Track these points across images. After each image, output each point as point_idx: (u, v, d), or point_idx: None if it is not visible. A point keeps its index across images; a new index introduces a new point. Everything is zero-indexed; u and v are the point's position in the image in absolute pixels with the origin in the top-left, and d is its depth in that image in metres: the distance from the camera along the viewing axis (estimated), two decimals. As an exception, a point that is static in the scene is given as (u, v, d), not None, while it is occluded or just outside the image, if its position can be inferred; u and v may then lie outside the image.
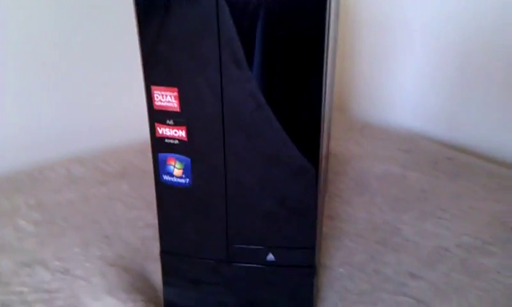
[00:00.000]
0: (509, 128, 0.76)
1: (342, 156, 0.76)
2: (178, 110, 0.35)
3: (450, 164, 0.73)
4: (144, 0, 0.33)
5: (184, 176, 0.37)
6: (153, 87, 0.35)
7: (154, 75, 0.35)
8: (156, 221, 0.57)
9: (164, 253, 0.41)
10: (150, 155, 0.77)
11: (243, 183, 0.36)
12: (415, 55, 0.89)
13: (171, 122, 0.35)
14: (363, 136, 0.86)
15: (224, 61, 0.32)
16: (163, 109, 0.35)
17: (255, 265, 0.39)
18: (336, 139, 0.80)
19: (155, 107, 0.35)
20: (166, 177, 0.37)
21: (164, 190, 0.38)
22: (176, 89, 0.34)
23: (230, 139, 0.35)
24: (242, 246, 0.38)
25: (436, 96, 0.87)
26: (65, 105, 0.80)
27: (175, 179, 0.37)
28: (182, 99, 0.34)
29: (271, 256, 0.38)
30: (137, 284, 0.47)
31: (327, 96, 0.36)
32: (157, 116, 0.36)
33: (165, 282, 0.42)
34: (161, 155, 0.37)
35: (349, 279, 0.48)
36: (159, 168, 0.38)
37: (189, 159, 0.36)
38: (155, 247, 0.52)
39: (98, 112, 0.84)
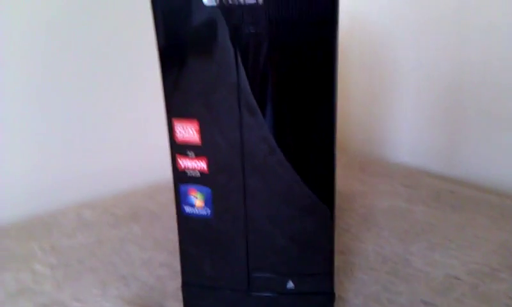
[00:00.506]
0: (507, 159, 0.79)
1: (346, 193, 0.78)
2: (199, 142, 0.37)
3: (453, 196, 0.74)
4: (167, 43, 0.35)
5: (205, 207, 0.39)
6: (174, 120, 0.37)
7: (176, 108, 0.37)
8: (170, 260, 0.59)
9: (186, 285, 0.42)
10: (158, 198, 0.79)
11: (261, 218, 0.38)
12: (408, 93, 0.93)
13: (192, 154, 0.38)
14: (364, 173, 0.88)
15: (241, 107, 0.35)
16: (184, 141, 0.37)
17: (275, 295, 0.40)
18: (339, 177, 0.82)
19: (176, 140, 0.38)
20: (187, 209, 0.39)
21: (186, 222, 0.40)
22: (197, 121, 0.37)
23: (248, 179, 0.37)
24: (262, 275, 0.39)
25: (432, 132, 0.90)
26: (72, 150, 0.82)
27: (196, 210, 0.39)
28: (202, 132, 0.37)
29: (290, 284, 0.39)
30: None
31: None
32: (178, 148, 0.38)
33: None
34: (183, 187, 0.39)
35: (364, 309, 0.48)
36: (180, 200, 0.39)
37: (209, 190, 0.38)
38: (170, 285, 0.53)
39: (106, 157, 0.86)
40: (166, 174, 0.86)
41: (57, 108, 0.79)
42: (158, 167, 0.88)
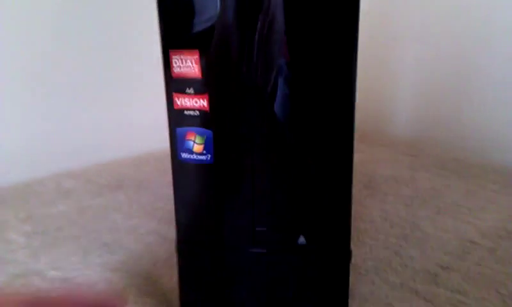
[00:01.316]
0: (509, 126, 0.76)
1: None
2: (199, 76, 0.32)
3: (457, 164, 0.71)
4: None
5: (204, 151, 0.33)
6: (171, 52, 0.32)
7: (173, 38, 0.32)
8: (159, 228, 0.53)
9: (181, 244, 0.36)
10: (144, 168, 0.73)
11: (270, 164, 0.33)
12: (409, 62, 0.89)
13: (191, 91, 0.32)
14: (364, 144, 0.84)
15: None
16: (182, 76, 0.32)
17: (283, 251, 0.35)
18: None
19: (173, 75, 0.32)
20: (184, 155, 0.34)
21: (182, 170, 0.35)
22: (197, 51, 0.31)
23: (256, 119, 0.32)
24: (269, 228, 0.34)
25: (432, 101, 0.86)
26: (54, 120, 0.76)
27: (194, 156, 0.34)
28: (203, 64, 0.32)
29: (302, 239, 0.34)
30: (145, 288, 0.42)
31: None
32: (175, 85, 0.33)
33: (182, 278, 0.37)
34: (180, 130, 0.34)
35: (376, 274, 0.44)
36: (176, 145, 0.34)
37: (210, 132, 0.33)
38: (160, 252, 0.48)
39: (89, 129, 0.80)
40: (152, 146, 0.81)
41: (41, 77, 0.73)
42: (143, 139, 0.83)
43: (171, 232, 0.51)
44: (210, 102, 0.32)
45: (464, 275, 0.43)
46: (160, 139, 0.81)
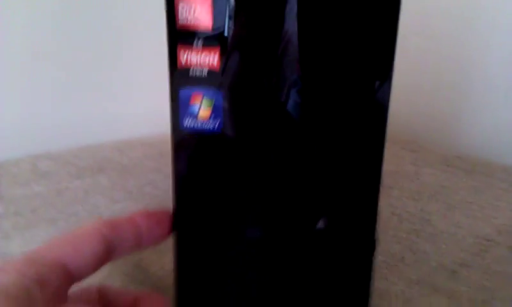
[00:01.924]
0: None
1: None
2: (209, 25, 0.27)
3: (462, 161, 0.67)
4: None
5: (212, 118, 0.29)
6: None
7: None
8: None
9: (180, 230, 0.31)
10: (129, 153, 0.68)
11: (294, 127, 0.29)
12: (408, 55, 0.85)
13: (199, 43, 0.28)
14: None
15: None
16: (189, 27, 0.28)
17: (299, 236, 0.30)
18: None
19: (177, 26, 0.28)
20: (187, 122, 0.29)
21: (184, 141, 0.30)
22: (209, -2, 0.27)
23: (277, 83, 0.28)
24: (285, 210, 0.30)
25: (432, 98, 0.83)
26: (34, 102, 0.70)
27: (199, 124, 0.29)
28: (216, 9, 0.27)
29: (321, 223, 0.30)
30: (135, 276, 0.37)
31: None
32: (180, 37, 0.28)
33: (179, 269, 0.32)
34: (183, 92, 0.29)
35: (389, 270, 0.40)
36: (179, 110, 0.29)
37: (220, 94, 0.28)
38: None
39: (70, 112, 0.74)
40: (139, 131, 0.76)
41: (21, 57, 0.67)
42: (128, 126, 0.77)
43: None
44: (221, 59, 0.28)
45: (485, 273, 0.40)
46: (146, 126, 0.76)
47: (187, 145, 0.30)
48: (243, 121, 0.29)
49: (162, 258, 0.40)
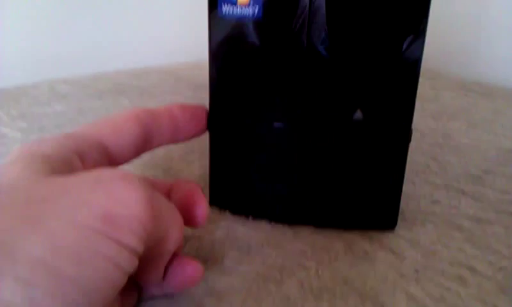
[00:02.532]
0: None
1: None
2: None
3: (480, 87, 0.67)
4: None
5: (251, 3, 0.28)
6: None
7: None
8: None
9: (214, 123, 0.31)
10: (147, 78, 0.67)
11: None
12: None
13: None
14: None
15: None
16: None
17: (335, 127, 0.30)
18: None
19: None
20: (226, 8, 0.29)
21: (222, 29, 0.29)
22: None
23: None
24: (322, 101, 0.30)
25: (446, 27, 0.81)
26: (51, 28, 0.69)
27: (238, 9, 0.28)
28: None
29: (358, 114, 0.30)
30: (164, 178, 0.38)
31: None
32: None
33: (213, 159, 0.33)
34: (221, -24, 0.28)
35: (416, 176, 0.40)
36: (216, -3, 0.29)
37: (259, -21, 0.28)
38: (176, 150, 0.43)
39: (86, 39, 0.73)
40: (153, 62, 0.75)
41: None
42: (143, 53, 0.77)
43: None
44: None
45: (510, 179, 0.40)
46: (162, 56, 0.75)
47: (225, 33, 0.29)
48: (281, 8, 0.28)
49: (191, 166, 0.41)
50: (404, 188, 0.38)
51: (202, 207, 0.25)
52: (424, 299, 0.25)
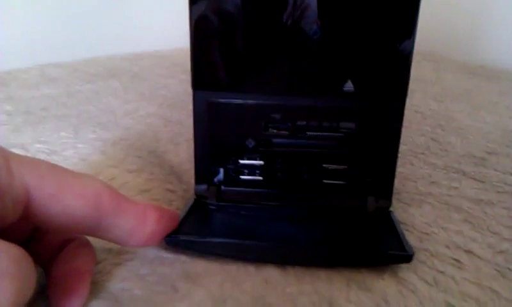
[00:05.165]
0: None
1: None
2: None
3: (484, 70, 0.65)
4: None
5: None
6: None
7: None
8: (162, 112, 0.46)
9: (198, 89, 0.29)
10: (140, 62, 0.65)
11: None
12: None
13: None
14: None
15: None
16: None
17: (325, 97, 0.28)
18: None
19: None
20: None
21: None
22: None
23: None
24: (309, 70, 0.28)
25: (450, 11, 0.79)
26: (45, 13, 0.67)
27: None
28: None
29: (349, 85, 0.28)
30: (151, 160, 0.36)
31: None
32: None
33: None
34: None
35: (414, 157, 0.38)
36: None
37: None
38: (163, 132, 0.42)
39: (79, 24, 0.72)
40: (146, 45, 0.73)
41: None
42: (138, 38, 0.75)
43: (174, 116, 0.44)
44: None
45: (514, 160, 0.38)
46: (154, 42, 0.73)
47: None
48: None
49: (177, 148, 0.39)
50: (402, 169, 0.36)
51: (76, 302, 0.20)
52: (416, 283, 0.23)
